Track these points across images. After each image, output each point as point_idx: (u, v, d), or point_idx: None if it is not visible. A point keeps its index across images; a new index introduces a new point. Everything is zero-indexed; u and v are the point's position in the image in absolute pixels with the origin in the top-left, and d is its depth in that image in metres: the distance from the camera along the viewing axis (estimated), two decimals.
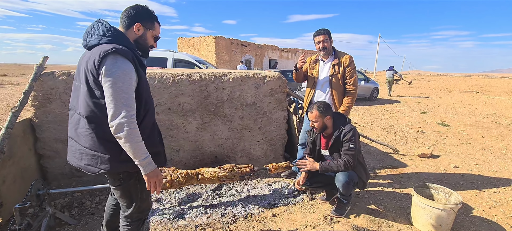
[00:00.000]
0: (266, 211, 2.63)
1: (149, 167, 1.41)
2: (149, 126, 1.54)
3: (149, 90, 1.56)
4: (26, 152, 2.74)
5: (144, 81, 1.48)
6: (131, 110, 1.33)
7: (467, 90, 17.66)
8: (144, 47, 1.58)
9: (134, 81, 1.38)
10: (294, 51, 26.93)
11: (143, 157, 1.37)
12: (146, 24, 1.53)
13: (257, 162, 3.46)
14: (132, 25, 1.50)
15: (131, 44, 1.48)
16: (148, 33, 1.56)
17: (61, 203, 2.68)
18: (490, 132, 6.13)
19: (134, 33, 1.52)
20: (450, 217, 2.24)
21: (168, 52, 7.05)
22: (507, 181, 3.46)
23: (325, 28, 2.91)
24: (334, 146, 2.54)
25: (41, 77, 2.75)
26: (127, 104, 1.32)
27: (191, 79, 3.12)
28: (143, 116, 1.48)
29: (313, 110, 2.47)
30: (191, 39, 20.95)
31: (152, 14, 1.56)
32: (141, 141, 1.37)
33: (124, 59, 1.35)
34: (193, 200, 2.79)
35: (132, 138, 1.32)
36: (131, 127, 1.31)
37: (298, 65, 2.97)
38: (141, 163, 1.38)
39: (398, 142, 5.23)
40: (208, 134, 3.29)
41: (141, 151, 1.36)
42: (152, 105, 1.57)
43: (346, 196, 2.53)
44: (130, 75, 1.35)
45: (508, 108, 9.69)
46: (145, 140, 1.42)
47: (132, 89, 1.36)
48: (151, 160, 1.42)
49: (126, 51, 1.36)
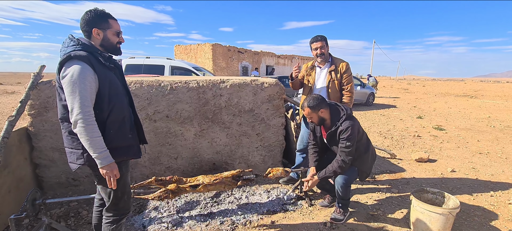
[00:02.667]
0: (265, 218, 2.61)
1: (104, 161, 1.51)
2: (117, 121, 1.63)
3: (117, 88, 1.66)
4: (22, 161, 2.71)
5: (109, 80, 1.59)
6: (85, 108, 1.44)
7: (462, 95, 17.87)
8: (111, 47, 1.67)
9: (91, 81, 1.48)
10: (290, 57, 27.11)
11: (98, 151, 1.48)
12: (101, 25, 1.61)
13: (256, 168, 3.45)
14: (91, 32, 1.59)
15: (94, 48, 1.59)
16: (108, 33, 1.63)
17: (57, 213, 2.64)
18: (485, 135, 6.19)
19: (96, 39, 1.61)
20: (448, 221, 2.25)
21: (165, 59, 7.07)
22: (504, 184, 3.48)
23: (322, 35, 2.95)
24: (331, 140, 2.51)
25: (38, 86, 2.73)
26: (81, 103, 1.44)
27: (189, 86, 3.12)
28: (109, 112, 1.59)
29: (305, 107, 2.45)
30: (188, 46, 21.02)
31: (103, 14, 1.61)
32: (97, 136, 1.48)
33: (78, 61, 1.47)
34: (191, 208, 2.77)
35: (86, 133, 1.45)
36: (85, 123, 1.44)
37: (293, 75, 3.01)
38: (97, 156, 1.49)
39: (395, 147, 5.25)
40: (206, 141, 3.28)
41: (96, 145, 1.48)
42: (120, 102, 1.66)
43: (344, 199, 2.54)
44: (84, 76, 1.45)
45: (502, 112, 9.81)
46: (113, 134, 1.59)
47: (86, 88, 1.46)
48: (107, 155, 1.52)
49: (80, 55, 1.48)
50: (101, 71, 1.55)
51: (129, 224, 2.51)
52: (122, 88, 1.74)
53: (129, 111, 1.77)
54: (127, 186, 1.78)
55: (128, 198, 1.80)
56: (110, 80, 1.60)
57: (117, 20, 1.69)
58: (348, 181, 2.48)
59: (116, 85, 1.66)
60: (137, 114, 1.92)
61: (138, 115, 1.93)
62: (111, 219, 1.77)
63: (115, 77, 1.68)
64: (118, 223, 1.79)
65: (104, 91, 1.56)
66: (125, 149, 1.69)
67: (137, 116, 1.91)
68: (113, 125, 1.61)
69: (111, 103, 1.59)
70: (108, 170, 1.54)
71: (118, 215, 1.77)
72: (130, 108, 1.81)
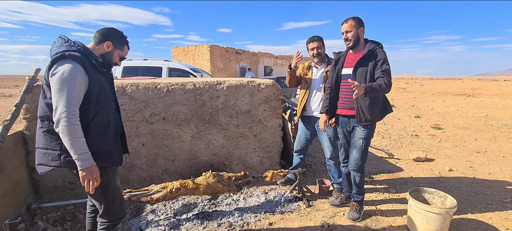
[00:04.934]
0: (263, 220, 2.60)
1: (85, 163, 1.47)
2: (101, 125, 1.62)
3: (106, 92, 1.66)
4: (17, 165, 2.70)
5: (99, 84, 1.58)
6: (71, 107, 1.42)
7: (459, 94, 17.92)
8: (108, 62, 1.72)
9: (81, 81, 1.47)
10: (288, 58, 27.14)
11: (79, 152, 1.45)
12: (116, 44, 1.71)
13: (253, 169, 3.45)
14: (104, 42, 1.67)
15: (89, 51, 1.60)
16: (115, 52, 1.72)
17: (53, 217, 2.62)
18: (482, 134, 6.21)
19: (103, 49, 1.68)
20: (446, 220, 2.25)
21: (163, 61, 7.05)
22: (501, 183, 3.49)
23: (318, 35, 2.95)
24: (363, 61, 2.37)
25: (34, 90, 2.72)
26: (68, 101, 1.41)
27: (186, 88, 3.11)
28: (94, 115, 1.57)
29: (348, 20, 2.38)
30: (185, 48, 21.01)
31: (124, 38, 1.76)
32: (80, 137, 1.45)
33: (71, 61, 1.46)
34: (188, 210, 2.76)
35: (69, 132, 1.41)
36: (69, 122, 1.41)
37: (292, 64, 2.95)
38: (77, 158, 1.45)
39: (393, 146, 5.26)
40: (203, 142, 3.27)
41: (77, 146, 1.44)
42: (107, 106, 1.65)
43: (361, 193, 2.63)
44: (74, 75, 1.44)
45: (499, 111, 9.84)
46: (95, 137, 1.56)
47: (75, 88, 1.44)
48: (88, 157, 1.48)
49: (74, 55, 1.48)
50: (92, 75, 1.55)
51: (126, 227, 2.50)
52: (110, 94, 1.74)
53: (115, 117, 1.76)
54: (117, 190, 1.75)
55: (121, 202, 1.77)
56: (100, 83, 1.60)
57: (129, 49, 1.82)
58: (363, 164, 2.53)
59: (105, 89, 1.66)
60: (122, 123, 1.91)
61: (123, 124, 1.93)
62: (106, 225, 1.74)
63: (105, 82, 1.68)
64: (114, 228, 1.76)
65: (92, 93, 1.55)
66: (106, 154, 1.64)
67: (122, 124, 1.90)
68: (97, 128, 1.59)
69: (98, 106, 1.58)
70: (88, 173, 1.49)
71: (112, 220, 1.75)
72: (117, 114, 1.80)
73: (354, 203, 2.64)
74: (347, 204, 2.84)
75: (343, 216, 2.68)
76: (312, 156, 4.61)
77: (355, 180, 2.58)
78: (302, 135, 3.15)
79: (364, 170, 2.57)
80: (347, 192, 2.82)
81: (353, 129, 2.51)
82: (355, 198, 2.64)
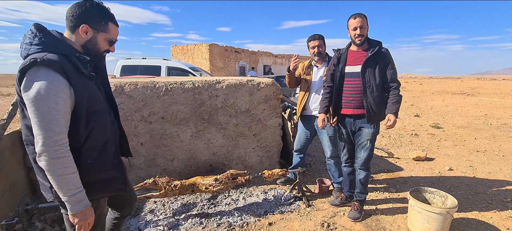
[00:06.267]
0: (263, 220, 2.59)
1: (77, 206, 1.17)
2: (97, 147, 1.29)
3: (99, 103, 1.31)
4: (15, 165, 2.67)
5: (88, 94, 1.23)
6: (54, 136, 1.10)
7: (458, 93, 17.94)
8: (95, 52, 1.32)
9: (65, 97, 1.13)
10: (288, 57, 27.12)
11: (69, 193, 1.14)
12: (95, 25, 1.26)
13: (253, 169, 3.43)
14: (78, 26, 1.24)
15: (70, 48, 1.23)
16: (99, 37, 1.29)
17: (51, 217, 2.60)
18: (482, 133, 6.21)
19: (80, 37, 1.26)
20: (446, 220, 2.24)
21: (162, 60, 7.02)
22: (501, 182, 3.48)
23: (319, 34, 2.93)
24: (371, 60, 2.34)
25: None
26: (49, 129, 1.09)
27: (184, 87, 3.09)
28: (86, 137, 1.24)
29: (361, 15, 2.34)
30: (185, 46, 20.97)
31: (104, 12, 1.29)
32: (69, 173, 1.14)
33: (48, 70, 1.10)
34: (188, 210, 2.74)
35: (54, 169, 1.10)
36: (53, 155, 1.09)
37: (291, 67, 2.96)
38: (67, 200, 1.15)
39: (393, 145, 5.25)
40: (202, 142, 3.25)
41: (67, 186, 1.13)
42: (101, 122, 1.31)
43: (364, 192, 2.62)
44: (55, 91, 1.10)
45: (498, 110, 9.85)
46: (90, 164, 1.25)
47: (56, 108, 1.10)
48: (81, 197, 1.18)
49: (50, 60, 1.11)
50: (78, 83, 1.18)
51: (125, 227, 2.48)
52: (104, 103, 1.38)
53: (113, 132, 1.41)
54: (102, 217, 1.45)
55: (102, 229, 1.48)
56: (89, 93, 1.24)
57: (118, 27, 1.36)
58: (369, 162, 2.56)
59: (97, 99, 1.30)
60: (122, 126, 1.60)
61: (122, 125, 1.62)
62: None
63: (95, 89, 1.31)
64: None
65: (80, 109, 1.20)
66: (106, 183, 1.34)
67: (122, 128, 1.60)
68: (91, 153, 1.26)
69: (90, 125, 1.24)
70: (81, 218, 1.19)
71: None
72: (114, 126, 1.44)
73: (356, 203, 2.62)
74: (348, 203, 2.83)
75: (343, 215, 2.67)
76: (312, 155, 4.59)
77: (360, 179, 2.56)
78: (302, 134, 3.13)
79: (370, 169, 2.57)
80: (348, 191, 2.81)
81: (359, 129, 2.48)
82: (357, 197, 2.62)
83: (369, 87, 2.34)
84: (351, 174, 2.72)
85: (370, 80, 2.34)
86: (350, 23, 2.39)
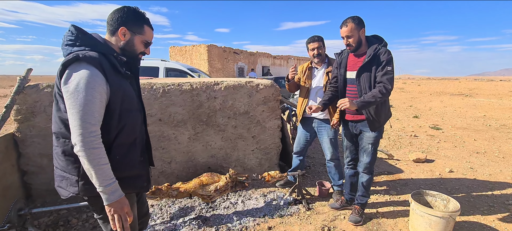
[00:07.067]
0: (262, 224, 2.54)
1: (112, 196, 1.20)
2: (126, 144, 1.33)
3: (132, 103, 1.37)
4: (8, 168, 2.61)
5: (122, 92, 1.29)
6: (90, 127, 1.15)
7: (457, 93, 17.98)
8: (132, 55, 1.40)
9: (102, 91, 1.20)
10: (286, 58, 27.12)
11: (105, 183, 1.18)
12: (132, 28, 1.35)
13: (252, 171, 3.38)
14: (117, 30, 1.33)
15: (108, 48, 1.30)
16: (136, 39, 1.37)
17: (45, 221, 2.54)
18: (481, 134, 6.19)
19: (119, 39, 1.35)
20: (449, 224, 2.20)
21: (160, 61, 6.97)
22: (502, 184, 3.45)
23: (319, 35, 2.89)
24: (366, 66, 2.24)
25: (25, 90, 2.63)
26: (85, 120, 1.14)
27: (182, 89, 3.04)
28: (117, 133, 1.28)
29: (347, 23, 2.21)
30: (183, 47, 20.90)
31: (140, 16, 1.38)
32: (104, 164, 1.18)
33: (88, 65, 1.17)
34: (185, 214, 2.69)
35: (89, 159, 1.14)
36: (88, 146, 1.14)
37: (289, 76, 2.96)
38: (103, 190, 1.18)
39: (393, 147, 5.22)
40: (200, 144, 3.20)
41: (102, 176, 1.17)
42: (133, 120, 1.36)
43: (366, 195, 2.55)
44: (93, 85, 1.16)
45: (497, 111, 9.86)
46: (119, 160, 1.28)
47: (94, 101, 1.16)
48: (116, 188, 1.22)
49: (91, 57, 1.19)
50: (114, 81, 1.25)
51: None
52: (137, 102, 1.44)
53: (142, 132, 1.48)
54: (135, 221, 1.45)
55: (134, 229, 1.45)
56: (124, 91, 1.30)
57: (153, 30, 1.44)
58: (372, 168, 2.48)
59: (131, 98, 1.36)
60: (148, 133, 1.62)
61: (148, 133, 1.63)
62: None
63: (130, 89, 1.38)
64: None
65: (114, 106, 1.26)
66: (132, 180, 1.37)
67: (148, 135, 1.61)
68: (121, 148, 1.31)
69: (122, 122, 1.30)
70: (117, 207, 1.22)
71: None
72: (142, 126, 1.51)
73: (357, 206, 2.57)
74: (348, 207, 2.78)
75: (344, 219, 2.63)
76: (311, 157, 4.55)
77: (363, 182, 2.51)
78: (302, 136, 3.09)
79: (373, 172, 2.51)
80: (348, 194, 2.77)
81: (361, 132, 2.44)
82: (359, 200, 2.58)
83: (365, 94, 2.24)
84: (352, 176, 2.68)
85: (366, 87, 2.26)
86: (340, 32, 2.31)
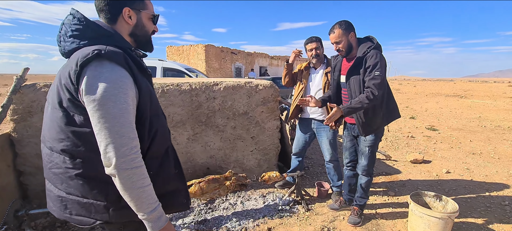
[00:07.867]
0: (261, 225, 2.54)
1: (159, 223, 0.96)
2: (159, 155, 1.10)
3: (157, 104, 1.12)
4: (4, 168, 2.57)
5: (147, 93, 1.04)
6: (130, 142, 0.91)
7: (452, 95, 18.16)
8: (145, 38, 1.15)
9: (133, 96, 0.96)
10: (283, 58, 27.16)
11: (149, 208, 0.94)
12: (134, 5, 1.08)
13: (251, 172, 3.37)
14: (120, 13, 1.05)
15: (124, 42, 1.06)
16: (143, 17, 1.11)
17: (42, 223, 2.51)
18: (477, 135, 6.26)
19: (126, 24, 1.08)
20: (448, 225, 2.21)
21: (157, 61, 6.93)
22: (498, 185, 3.49)
23: (317, 36, 2.89)
24: (353, 70, 2.21)
25: (22, 90, 2.60)
26: (123, 135, 0.90)
27: (181, 89, 3.03)
28: (149, 144, 1.04)
29: (335, 29, 2.18)
30: (180, 47, 20.82)
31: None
32: (147, 185, 0.95)
33: (113, 65, 0.93)
34: (184, 215, 2.68)
35: (132, 181, 0.91)
36: (130, 166, 0.90)
37: (290, 60, 2.94)
38: (148, 217, 0.95)
39: (390, 148, 5.25)
40: (199, 145, 3.19)
41: (147, 200, 0.94)
42: (162, 126, 1.13)
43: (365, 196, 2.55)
44: (125, 89, 0.92)
45: (492, 112, 9.97)
46: (153, 175, 1.01)
47: (129, 110, 0.92)
48: (160, 212, 0.98)
49: (115, 53, 0.94)
50: (141, 80, 1.01)
51: None
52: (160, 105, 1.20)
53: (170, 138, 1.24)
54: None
55: None
56: (150, 93, 1.06)
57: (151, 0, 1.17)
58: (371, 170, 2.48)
59: (156, 100, 1.12)
60: None
61: None
62: None
63: (153, 89, 1.13)
64: None
65: (144, 111, 1.01)
66: (170, 198, 1.13)
67: None
68: (154, 161, 1.07)
69: (153, 129, 1.05)
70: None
71: None
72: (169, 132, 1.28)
73: (355, 207, 2.58)
74: (347, 207, 2.79)
75: (343, 220, 2.64)
76: (310, 157, 4.56)
77: (361, 183, 2.51)
78: (301, 137, 3.09)
79: (372, 174, 2.51)
80: (347, 195, 2.78)
81: (358, 135, 2.46)
82: (357, 201, 2.58)
83: (355, 98, 2.22)
84: (351, 177, 2.69)
85: (356, 91, 2.24)
86: (330, 38, 2.28)
